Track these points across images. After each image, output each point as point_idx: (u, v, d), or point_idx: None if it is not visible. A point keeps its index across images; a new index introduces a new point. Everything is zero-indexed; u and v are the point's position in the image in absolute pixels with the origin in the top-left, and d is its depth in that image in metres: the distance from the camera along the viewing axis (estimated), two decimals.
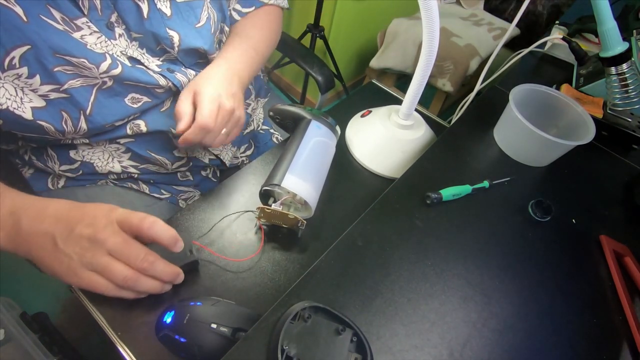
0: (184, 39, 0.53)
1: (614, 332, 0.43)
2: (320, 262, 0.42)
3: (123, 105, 0.50)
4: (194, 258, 0.44)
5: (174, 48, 0.53)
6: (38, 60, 0.41)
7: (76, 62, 0.43)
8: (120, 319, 0.41)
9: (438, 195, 0.50)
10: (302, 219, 0.46)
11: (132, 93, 0.50)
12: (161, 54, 0.54)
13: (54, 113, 0.45)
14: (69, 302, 1.07)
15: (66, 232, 0.36)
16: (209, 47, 0.57)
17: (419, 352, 0.37)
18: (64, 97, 0.44)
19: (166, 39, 0.51)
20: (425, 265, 0.44)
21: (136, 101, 0.51)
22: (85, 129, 0.47)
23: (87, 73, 0.45)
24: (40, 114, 0.44)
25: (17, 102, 0.42)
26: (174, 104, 0.57)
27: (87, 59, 0.44)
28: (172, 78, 0.53)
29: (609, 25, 0.58)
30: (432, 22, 0.44)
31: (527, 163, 0.60)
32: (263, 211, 0.47)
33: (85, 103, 0.46)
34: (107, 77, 0.46)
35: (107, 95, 0.48)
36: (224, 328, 0.38)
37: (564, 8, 1.70)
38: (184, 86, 0.55)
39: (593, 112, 0.65)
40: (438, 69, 1.50)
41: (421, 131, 0.62)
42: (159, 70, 0.52)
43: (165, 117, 0.56)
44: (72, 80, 0.44)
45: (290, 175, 0.46)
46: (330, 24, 1.53)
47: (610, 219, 0.55)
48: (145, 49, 0.52)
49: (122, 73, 0.47)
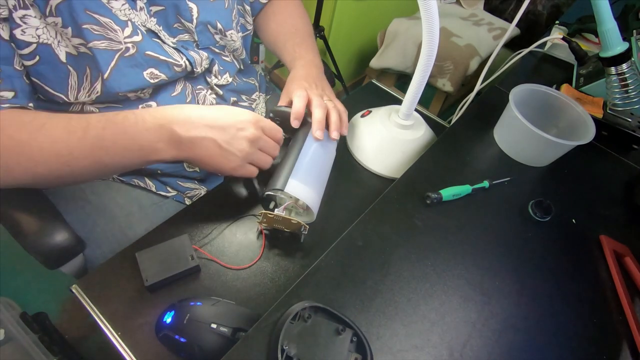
0: (202, 12, 0.56)
1: (614, 332, 0.43)
2: (320, 262, 0.42)
3: (141, 78, 0.51)
4: (196, 263, 0.44)
5: (192, 21, 0.55)
6: (70, 14, 0.43)
7: (103, 22, 0.45)
8: (120, 319, 0.41)
9: (438, 195, 0.50)
10: (305, 224, 0.46)
11: (152, 68, 0.51)
12: (176, 34, 0.56)
13: (80, 63, 0.47)
14: (69, 302, 1.07)
15: (228, 137, 0.45)
16: (225, 23, 0.59)
17: (419, 352, 0.37)
18: (88, 54, 0.46)
19: (186, 10, 0.54)
20: (425, 265, 0.44)
21: (154, 77, 0.52)
22: (99, 91, 0.49)
23: (112, 36, 0.46)
24: (71, 59, 0.46)
25: (56, 44, 0.45)
26: (185, 89, 0.59)
27: (113, 21, 0.46)
28: (186, 54, 0.55)
29: (609, 25, 0.58)
30: (432, 22, 0.44)
31: (527, 163, 0.60)
32: (266, 216, 0.46)
33: (105, 67, 0.47)
34: (131, 43, 0.48)
35: (128, 64, 0.49)
36: (224, 328, 0.39)
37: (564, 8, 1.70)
38: (198, 66, 0.57)
39: (593, 112, 0.65)
40: (438, 69, 1.50)
41: (421, 131, 0.62)
42: (173, 46, 0.54)
43: (175, 101, 0.57)
44: (97, 41, 0.46)
45: (293, 180, 0.46)
46: (330, 24, 1.53)
47: (610, 219, 0.55)
48: (163, 25, 0.54)
49: (142, 41, 0.49)
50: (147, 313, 0.42)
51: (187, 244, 0.46)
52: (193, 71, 0.57)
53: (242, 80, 0.70)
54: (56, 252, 0.50)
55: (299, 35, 0.70)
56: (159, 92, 0.56)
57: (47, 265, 0.51)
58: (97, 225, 0.59)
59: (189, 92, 0.59)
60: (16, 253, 0.50)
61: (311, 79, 0.62)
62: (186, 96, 0.59)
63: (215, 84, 0.63)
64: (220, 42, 0.61)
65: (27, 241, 0.49)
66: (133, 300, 0.43)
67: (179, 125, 0.44)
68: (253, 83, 0.73)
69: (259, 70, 0.81)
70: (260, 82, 0.78)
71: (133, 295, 0.43)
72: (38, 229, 0.50)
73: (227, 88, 0.65)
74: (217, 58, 0.62)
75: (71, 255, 0.53)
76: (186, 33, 0.56)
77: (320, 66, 0.67)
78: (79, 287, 0.43)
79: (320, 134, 0.54)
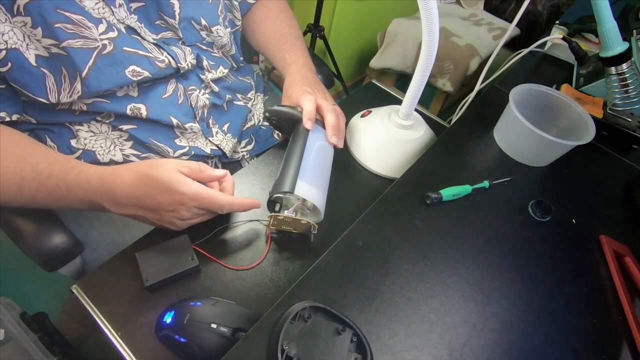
0: (184, 7, 0.55)
1: (614, 332, 0.43)
2: (320, 262, 0.42)
3: (122, 76, 0.50)
4: (196, 263, 0.44)
5: (175, 17, 0.54)
6: (40, 13, 0.42)
7: (76, 19, 0.44)
8: (120, 319, 0.41)
9: (438, 195, 0.50)
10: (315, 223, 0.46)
11: (133, 65, 0.50)
12: (158, 31, 0.55)
13: (54, 65, 0.46)
14: (69, 302, 1.07)
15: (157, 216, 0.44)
16: (210, 19, 0.59)
17: (419, 352, 0.37)
18: (62, 54, 0.45)
19: (167, 6, 0.53)
20: (425, 265, 0.44)
21: (136, 74, 0.51)
22: (79, 90, 0.48)
23: (86, 33, 0.45)
24: (43, 62, 0.45)
25: (24, 47, 0.44)
26: (177, 90, 0.58)
27: (86, 18, 0.45)
28: (167, 49, 0.54)
29: (609, 25, 0.58)
30: (432, 22, 0.44)
31: (527, 163, 0.60)
32: (276, 218, 0.46)
33: (83, 65, 0.46)
34: (107, 39, 0.47)
35: (107, 62, 0.48)
36: (224, 328, 0.39)
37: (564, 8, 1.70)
38: (182, 61, 0.56)
39: (593, 112, 0.65)
40: (438, 69, 1.50)
41: (421, 131, 0.62)
42: (153, 42, 0.53)
43: (167, 104, 0.57)
44: (71, 40, 0.45)
45: (301, 182, 0.46)
46: (330, 24, 1.53)
47: (610, 219, 0.55)
48: (144, 22, 0.53)
49: (117, 37, 0.48)
50: (147, 313, 0.42)
51: (187, 244, 0.46)
52: (178, 68, 0.56)
53: (237, 79, 0.70)
54: (54, 254, 0.50)
55: (285, 41, 0.70)
56: (149, 93, 0.55)
57: (45, 267, 0.51)
58: (94, 228, 0.59)
59: (180, 93, 0.58)
60: (16, 253, 0.50)
61: (309, 82, 0.62)
62: (178, 97, 0.58)
63: (211, 79, 0.62)
64: (207, 39, 0.61)
65: (25, 244, 0.49)
66: (133, 300, 0.43)
67: (108, 203, 0.43)
68: (249, 82, 0.73)
69: (257, 70, 0.81)
70: (257, 82, 0.77)
71: (133, 295, 0.43)
72: (36, 232, 0.50)
73: (222, 85, 0.65)
74: (205, 54, 0.61)
75: (69, 258, 0.52)
76: (169, 30, 0.56)
77: (313, 69, 0.68)
78: (79, 287, 0.43)
79: (336, 139, 0.55)
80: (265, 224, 0.50)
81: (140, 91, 0.54)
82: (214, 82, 0.63)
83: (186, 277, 0.45)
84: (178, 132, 0.60)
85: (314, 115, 0.54)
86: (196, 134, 0.61)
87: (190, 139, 0.62)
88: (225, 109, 0.67)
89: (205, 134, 0.63)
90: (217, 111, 0.65)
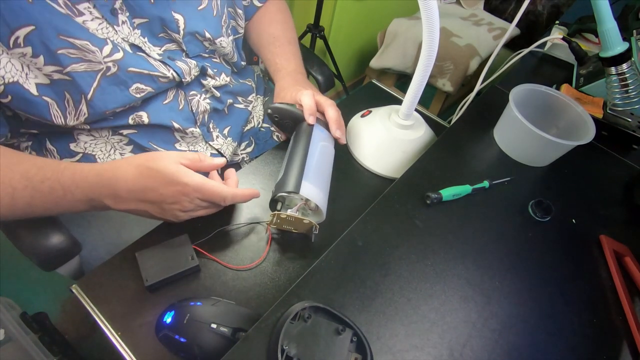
0: (189, 22, 0.54)
1: (614, 332, 0.43)
2: (320, 262, 0.42)
3: (126, 95, 0.50)
4: (196, 263, 0.44)
5: (179, 32, 0.54)
6: (41, 42, 0.42)
7: (80, 44, 0.44)
8: (120, 319, 0.41)
9: (438, 195, 0.50)
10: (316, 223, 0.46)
11: (137, 83, 0.50)
12: (162, 43, 0.54)
13: (57, 91, 0.46)
14: (69, 302, 1.07)
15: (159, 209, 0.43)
16: (214, 31, 0.58)
17: (419, 352, 0.37)
18: (66, 79, 0.45)
19: (172, 22, 0.53)
20: (425, 265, 0.44)
21: (140, 91, 0.51)
22: (85, 112, 0.48)
23: (90, 57, 0.45)
24: (45, 90, 0.45)
25: (23, 78, 0.43)
26: (177, 96, 0.58)
27: (90, 42, 0.45)
28: (173, 65, 0.54)
29: (609, 25, 0.58)
30: (432, 22, 0.44)
31: (527, 163, 0.60)
32: (278, 217, 0.46)
33: (88, 88, 0.46)
34: (111, 61, 0.47)
35: (111, 82, 0.48)
36: (224, 328, 0.39)
37: (564, 8, 1.70)
38: (186, 76, 0.56)
39: (593, 112, 0.65)
40: (438, 69, 1.50)
41: (421, 131, 0.61)
42: (159, 58, 0.53)
43: (167, 109, 0.57)
44: (75, 64, 0.45)
45: (306, 182, 0.46)
46: (330, 24, 1.53)
47: (610, 219, 0.55)
48: (147, 37, 0.53)
49: (123, 58, 0.48)
50: (147, 313, 0.42)
51: (187, 243, 0.46)
52: (181, 81, 0.56)
53: (238, 82, 0.70)
54: (52, 254, 0.50)
55: (278, 44, 0.70)
56: (150, 101, 0.55)
57: (44, 267, 0.51)
58: (92, 227, 0.59)
59: (181, 98, 0.58)
60: (16, 253, 0.50)
61: (301, 84, 0.62)
62: (179, 103, 0.58)
63: (213, 86, 0.62)
64: (210, 48, 0.61)
65: (24, 243, 0.49)
66: (133, 300, 0.43)
67: (108, 199, 0.42)
68: (250, 84, 0.73)
69: (257, 72, 0.81)
70: (257, 84, 0.77)
71: (133, 295, 0.43)
72: (34, 231, 0.50)
73: (223, 90, 0.65)
74: (207, 62, 0.61)
75: (67, 257, 0.52)
76: (173, 42, 0.55)
77: (304, 73, 0.68)
78: (79, 287, 0.43)
79: (340, 133, 0.55)
80: (266, 223, 0.50)
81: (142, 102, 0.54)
82: (215, 88, 0.63)
83: (186, 277, 0.45)
84: (178, 137, 0.60)
85: (314, 110, 0.53)
86: (197, 138, 0.61)
87: (191, 143, 0.62)
88: (226, 112, 0.67)
89: (205, 139, 0.63)
90: (217, 115, 0.65)
